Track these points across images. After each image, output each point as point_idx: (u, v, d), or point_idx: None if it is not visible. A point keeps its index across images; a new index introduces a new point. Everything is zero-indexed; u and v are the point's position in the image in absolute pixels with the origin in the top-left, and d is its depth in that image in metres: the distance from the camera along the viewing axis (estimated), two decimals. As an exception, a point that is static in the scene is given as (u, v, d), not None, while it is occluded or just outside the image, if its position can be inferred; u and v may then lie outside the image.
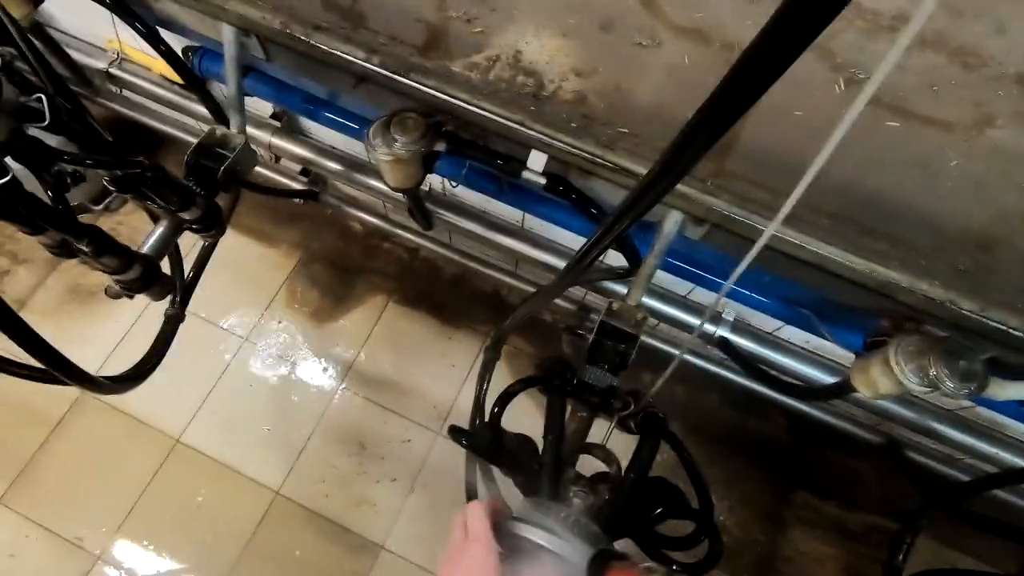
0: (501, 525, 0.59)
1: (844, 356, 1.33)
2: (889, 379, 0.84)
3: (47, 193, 0.75)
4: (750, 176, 0.85)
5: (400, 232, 1.96)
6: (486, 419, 0.87)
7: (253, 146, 1.16)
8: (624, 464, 0.83)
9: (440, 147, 0.94)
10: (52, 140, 0.81)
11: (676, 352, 1.71)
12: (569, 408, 0.89)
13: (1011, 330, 0.77)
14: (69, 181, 0.83)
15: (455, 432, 0.75)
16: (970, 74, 0.92)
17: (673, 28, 0.93)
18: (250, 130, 1.41)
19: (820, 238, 0.80)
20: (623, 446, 0.86)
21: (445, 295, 2.09)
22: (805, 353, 1.26)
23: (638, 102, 0.89)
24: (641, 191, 0.41)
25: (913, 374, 0.81)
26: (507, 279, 1.93)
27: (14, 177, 0.66)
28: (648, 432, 0.67)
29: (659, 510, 0.66)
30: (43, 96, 0.67)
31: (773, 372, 1.25)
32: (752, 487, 1.84)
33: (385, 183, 1.09)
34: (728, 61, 0.88)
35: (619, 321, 0.96)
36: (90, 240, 0.76)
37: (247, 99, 1.27)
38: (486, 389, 1.11)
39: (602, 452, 0.76)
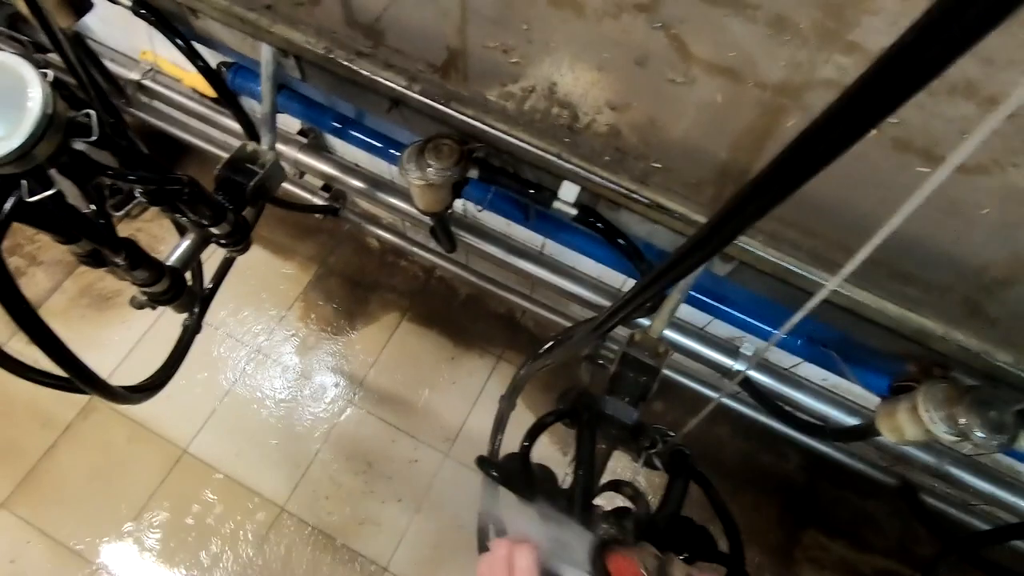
0: (544, 566, 0.58)
1: (861, 396, 1.32)
2: (916, 426, 0.83)
3: (88, 205, 0.76)
4: (783, 215, 0.85)
5: (417, 250, 1.96)
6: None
7: (280, 162, 1.17)
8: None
9: (473, 174, 0.95)
10: (80, 147, 0.82)
11: (688, 382, 1.70)
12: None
13: (1045, 382, 0.76)
14: (107, 193, 0.84)
15: (483, 463, 0.74)
16: (1001, 122, 0.92)
17: (706, 66, 0.94)
18: (278, 146, 1.42)
19: (852, 282, 0.79)
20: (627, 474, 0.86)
21: (459, 315, 2.09)
22: (825, 392, 1.25)
23: (671, 137, 0.89)
24: (691, 247, 0.41)
25: (943, 422, 0.80)
26: (522, 302, 1.93)
27: (58, 190, 0.67)
28: (678, 471, 0.66)
29: (686, 553, 0.65)
30: (92, 112, 0.68)
31: (788, 409, 1.24)
32: (762, 523, 1.81)
33: (412, 205, 1.09)
34: (760, 100, 0.89)
35: (641, 353, 0.96)
36: (127, 254, 0.76)
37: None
38: (500, 441, 1.11)
39: (631, 489, 0.75)
